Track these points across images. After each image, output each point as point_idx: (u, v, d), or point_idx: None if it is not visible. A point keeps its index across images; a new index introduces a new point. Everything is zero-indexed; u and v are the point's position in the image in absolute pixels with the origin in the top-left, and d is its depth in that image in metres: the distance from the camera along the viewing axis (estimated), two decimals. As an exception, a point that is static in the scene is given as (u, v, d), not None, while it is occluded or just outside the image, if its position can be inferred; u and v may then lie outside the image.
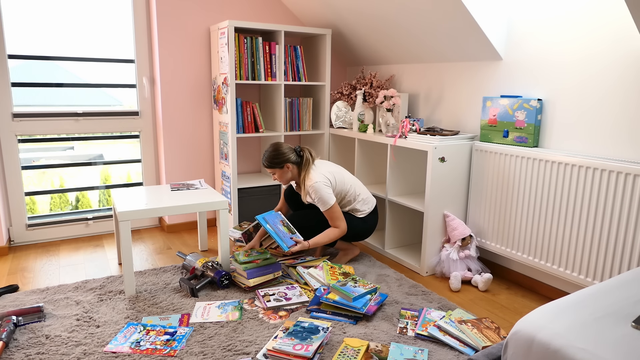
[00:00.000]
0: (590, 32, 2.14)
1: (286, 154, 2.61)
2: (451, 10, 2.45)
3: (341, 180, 2.67)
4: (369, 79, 3.29)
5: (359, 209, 2.73)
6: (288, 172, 2.63)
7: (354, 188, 2.72)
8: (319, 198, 2.56)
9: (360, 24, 3.16)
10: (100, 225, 3.36)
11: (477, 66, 2.73)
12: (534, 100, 2.34)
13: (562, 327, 1.23)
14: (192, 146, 3.41)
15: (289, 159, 2.61)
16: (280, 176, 2.65)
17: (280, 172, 2.63)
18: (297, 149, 2.66)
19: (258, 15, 3.48)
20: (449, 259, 2.59)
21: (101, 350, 1.85)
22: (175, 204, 2.39)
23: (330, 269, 2.56)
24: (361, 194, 2.74)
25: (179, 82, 3.27)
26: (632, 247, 1.95)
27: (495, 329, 2.00)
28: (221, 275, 2.40)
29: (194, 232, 3.43)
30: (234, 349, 1.87)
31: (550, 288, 2.41)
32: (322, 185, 2.56)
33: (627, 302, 1.35)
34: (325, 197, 2.55)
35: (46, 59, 3.05)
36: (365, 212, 2.74)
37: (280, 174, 2.64)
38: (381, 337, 1.98)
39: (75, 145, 3.48)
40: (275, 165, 2.61)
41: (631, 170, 1.93)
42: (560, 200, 2.21)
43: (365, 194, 2.77)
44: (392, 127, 3.04)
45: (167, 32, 3.16)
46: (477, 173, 2.63)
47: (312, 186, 2.55)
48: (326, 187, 2.57)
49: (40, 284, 2.50)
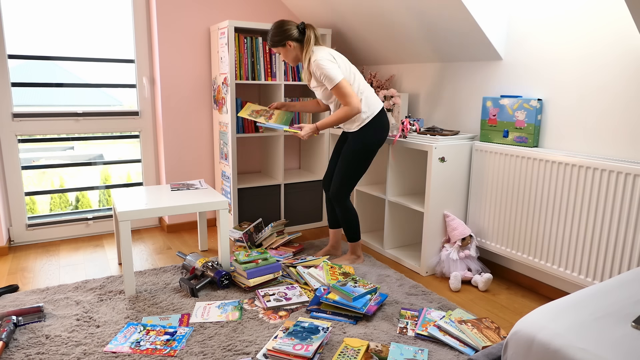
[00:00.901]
0: (590, 32, 2.14)
1: (287, 30, 2.45)
2: (451, 10, 2.45)
3: (346, 67, 2.47)
4: (369, 79, 3.29)
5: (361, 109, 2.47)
6: (292, 50, 2.48)
7: (358, 83, 2.49)
8: (324, 75, 2.36)
9: (360, 24, 3.16)
10: (100, 225, 3.36)
11: (477, 66, 2.73)
12: (534, 100, 2.34)
13: (562, 327, 1.23)
14: (192, 146, 3.41)
15: (290, 36, 2.45)
16: (285, 55, 2.53)
17: (284, 50, 2.50)
18: (301, 26, 2.49)
19: (258, 15, 3.48)
20: (449, 259, 2.59)
21: (101, 350, 1.85)
22: (175, 204, 2.39)
23: (330, 269, 2.56)
24: (365, 92, 2.49)
25: (179, 82, 3.27)
26: (632, 247, 1.95)
27: (495, 329, 2.00)
28: (221, 275, 2.40)
29: (194, 232, 3.43)
30: (234, 349, 1.87)
31: (550, 288, 2.41)
32: (326, 61, 2.37)
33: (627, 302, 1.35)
34: (331, 72, 2.35)
35: (46, 59, 3.05)
36: (367, 114, 2.49)
37: (285, 52, 2.51)
38: (381, 337, 1.98)
39: (75, 145, 3.48)
40: (277, 43, 2.48)
41: (631, 170, 1.93)
42: (560, 200, 2.21)
43: (369, 91, 2.53)
44: (392, 127, 3.04)
45: (167, 32, 3.16)
46: (477, 173, 2.63)
47: (315, 62, 2.38)
48: (331, 62, 2.39)
49: (40, 284, 2.50)
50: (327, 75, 2.36)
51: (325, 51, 2.46)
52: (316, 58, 2.39)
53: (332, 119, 2.43)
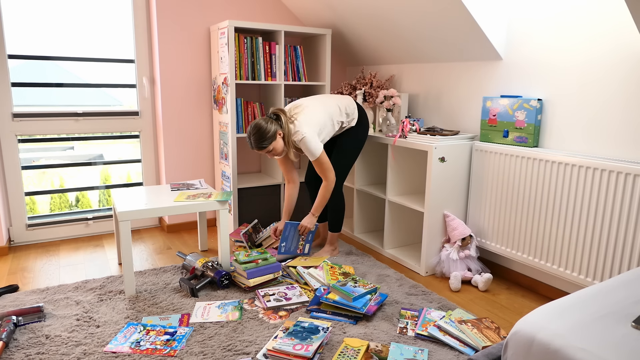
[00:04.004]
0: (590, 32, 2.14)
1: (270, 123, 2.51)
2: (451, 10, 2.45)
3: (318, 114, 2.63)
4: (369, 79, 3.29)
5: (344, 121, 2.74)
6: (280, 138, 2.56)
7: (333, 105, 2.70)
8: (308, 150, 2.56)
9: (360, 24, 3.16)
10: (100, 225, 3.36)
11: (477, 66, 2.73)
12: (534, 100, 2.34)
13: (562, 327, 1.23)
14: (192, 146, 3.41)
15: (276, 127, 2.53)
16: (276, 147, 2.55)
17: (275, 143, 2.54)
18: (272, 116, 2.57)
19: (258, 15, 3.48)
20: (449, 259, 2.59)
21: (101, 350, 1.85)
22: (175, 204, 2.39)
23: (330, 269, 2.56)
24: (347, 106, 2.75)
25: (179, 82, 3.27)
26: (632, 247, 1.95)
27: (495, 329, 2.00)
28: (221, 275, 2.40)
29: (194, 232, 3.43)
30: (234, 349, 1.87)
31: (550, 288, 2.41)
32: (310, 138, 2.54)
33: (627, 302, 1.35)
34: (313, 148, 2.55)
35: (46, 59, 3.05)
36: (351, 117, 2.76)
37: (276, 144, 2.54)
38: (381, 337, 1.98)
39: (75, 145, 3.48)
40: (272, 137, 2.51)
41: (631, 170, 1.93)
42: (560, 200, 2.21)
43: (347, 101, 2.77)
44: (392, 127, 3.04)
45: (167, 32, 3.16)
46: (477, 173, 2.63)
47: (302, 141, 2.53)
48: (314, 138, 2.56)
49: (40, 284, 2.50)
50: (310, 151, 2.56)
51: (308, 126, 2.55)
52: (301, 137, 2.53)
53: (321, 201, 2.69)
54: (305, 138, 2.53)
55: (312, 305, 2.22)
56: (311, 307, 2.21)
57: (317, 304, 2.24)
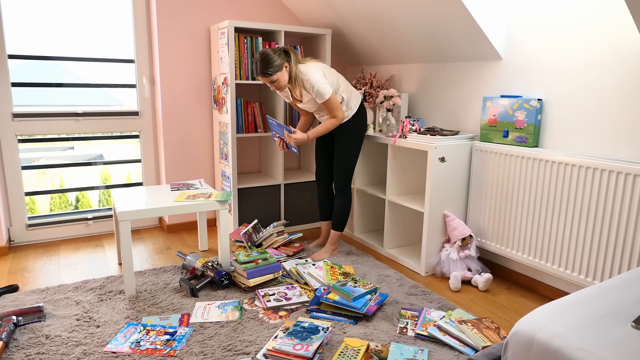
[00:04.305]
0: (590, 33, 2.14)
1: (279, 54, 2.50)
2: (451, 10, 2.45)
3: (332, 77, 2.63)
4: (369, 79, 3.28)
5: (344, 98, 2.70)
6: (286, 72, 2.53)
7: (342, 86, 2.69)
8: (317, 92, 2.53)
9: (360, 24, 3.16)
10: (100, 225, 3.36)
11: (477, 66, 2.73)
12: (534, 100, 2.34)
13: (562, 327, 1.23)
14: (192, 146, 3.41)
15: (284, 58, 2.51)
16: (280, 80, 2.53)
17: (280, 75, 2.51)
18: (281, 48, 2.56)
19: (258, 15, 3.48)
20: (449, 259, 2.59)
21: (101, 350, 1.85)
22: (175, 204, 2.39)
23: (330, 269, 2.56)
24: (351, 92, 2.73)
25: (179, 82, 3.27)
26: (632, 247, 1.95)
27: (495, 329, 2.00)
28: (221, 275, 2.40)
29: (194, 232, 3.43)
30: (234, 349, 1.87)
31: (550, 288, 2.41)
32: (319, 78, 2.53)
33: (627, 302, 1.35)
34: (323, 89, 2.53)
35: (46, 59, 3.05)
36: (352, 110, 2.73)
37: (281, 76, 2.52)
38: (381, 337, 1.98)
39: (75, 145, 3.48)
40: (278, 67, 2.48)
41: (631, 170, 1.93)
42: (560, 200, 2.21)
43: (351, 90, 2.76)
44: (392, 127, 3.04)
45: (167, 32, 3.16)
46: (477, 173, 2.63)
47: (309, 80, 2.51)
48: (323, 79, 2.55)
49: (40, 284, 2.50)
50: (320, 92, 2.53)
51: (316, 68, 2.55)
52: (309, 77, 2.51)
53: (322, 129, 2.65)
54: (313, 79, 2.50)
55: (312, 305, 2.22)
56: (311, 307, 2.21)
57: (317, 304, 2.24)
